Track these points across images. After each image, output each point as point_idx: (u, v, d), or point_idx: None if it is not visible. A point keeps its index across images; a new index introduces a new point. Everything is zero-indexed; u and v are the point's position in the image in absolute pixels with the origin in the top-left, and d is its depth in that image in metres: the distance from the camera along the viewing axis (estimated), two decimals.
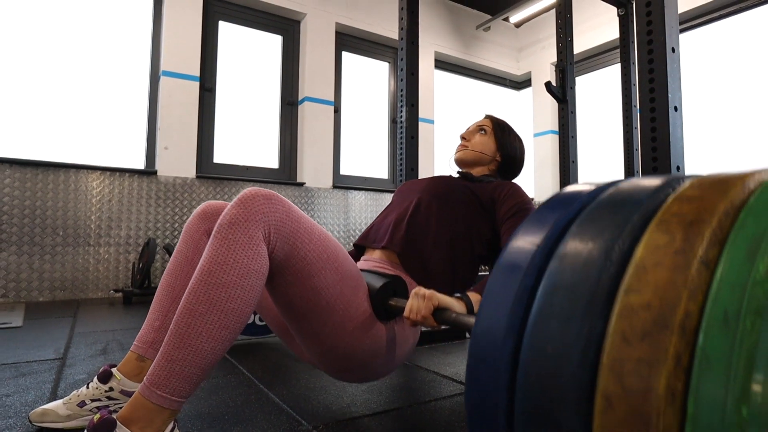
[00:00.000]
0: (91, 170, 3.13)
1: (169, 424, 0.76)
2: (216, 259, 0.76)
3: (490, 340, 0.45)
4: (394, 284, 0.96)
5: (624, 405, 0.34)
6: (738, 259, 0.34)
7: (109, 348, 1.66)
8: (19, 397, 1.14)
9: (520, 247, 0.49)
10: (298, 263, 0.83)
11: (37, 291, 2.95)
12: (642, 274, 0.37)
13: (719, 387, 0.31)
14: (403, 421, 1.01)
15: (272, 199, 0.81)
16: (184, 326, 0.74)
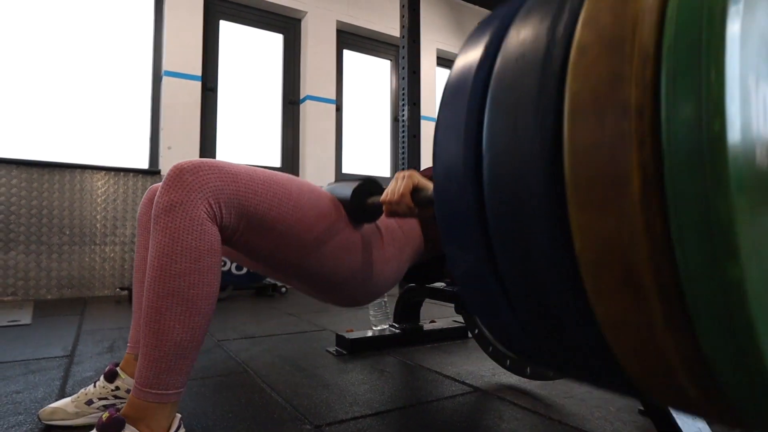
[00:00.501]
0: (96, 170, 3.16)
1: (173, 417, 0.77)
2: (162, 251, 0.72)
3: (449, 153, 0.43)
4: (368, 185, 0.93)
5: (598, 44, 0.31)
6: None
7: (115, 345, 1.68)
8: (28, 394, 1.17)
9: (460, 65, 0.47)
10: (253, 219, 0.80)
11: (45, 289, 2.98)
12: None
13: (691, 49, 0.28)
14: (405, 421, 1.02)
15: (200, 170, 0.75)
16: (155, 324, 0.73)
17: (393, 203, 0.84)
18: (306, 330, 2.03)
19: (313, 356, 1.56)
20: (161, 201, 0.73)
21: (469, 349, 1.67)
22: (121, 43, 3.40)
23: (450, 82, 0.49)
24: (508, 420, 1.03)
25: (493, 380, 1.31)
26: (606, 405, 1.12)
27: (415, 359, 1.54)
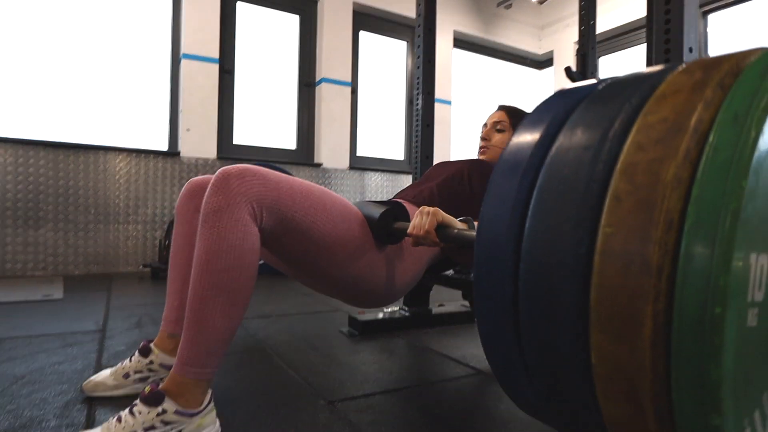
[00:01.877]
0: (118, 152, 3.27)
1: (207, 393, 0.87)
2: (210, 248, 0.81)
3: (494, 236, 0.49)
4: (395, 210, 1.02)
5: (632, 198, 0.39)
6: (750, 77, 0.39)
7: (142, 321, 1.80)
8: (69, 365, 1.28)
9: (513, 150, 0.52)
10: (289, 224, 0.89)
11: (73, 265, 3.14)
12: (660, 100, 0.42)
13: (723, 171, 0.35)
14: (412, 400, 1.11)
15: (246, 176, 0.83)
16: (199, 312, 0.83)
17: (420, 237, 0.92)
18: (320, 310, 2.13)
19: (326, 336, 1.66)
20: (209, 203, 0.82)
21: (474, 333, 1.75)
22: (141, 27, 3.47)
23: (505, 158, 0.53)
24: (507, 401, 1.11)
25: None
26: None
27: (423, 341, 1.62)
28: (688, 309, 0.35)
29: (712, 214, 0.35)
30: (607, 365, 0.40)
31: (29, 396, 1.06)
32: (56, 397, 1.07)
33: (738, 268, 0.35)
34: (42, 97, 3.15)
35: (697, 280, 0.35)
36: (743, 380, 0.38)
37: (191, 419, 0.83)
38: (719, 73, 0.41)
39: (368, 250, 1.00)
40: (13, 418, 0.95)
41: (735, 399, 0.36)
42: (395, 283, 1.09)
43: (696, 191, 0.36)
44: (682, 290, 0.36)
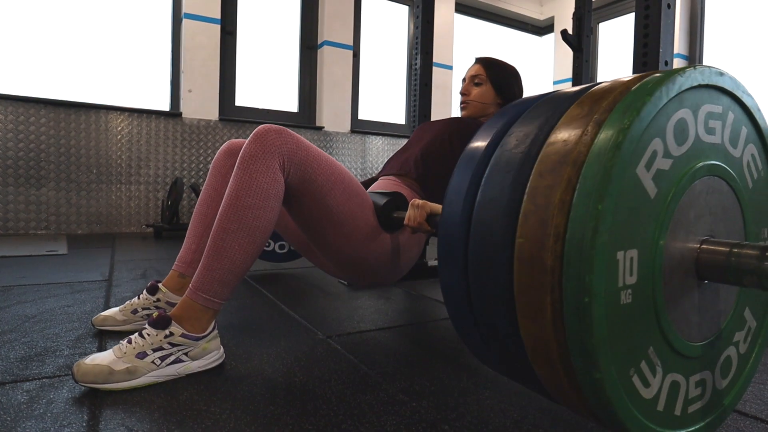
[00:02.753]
0: (120, 111, 3.27)
1: (212, 323, 0.92)
2: (241, 186, 0.89)
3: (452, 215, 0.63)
4: (396, 200, 1.11)
5: (534, 217, 0.53)
6: (614, 117, 0.52)
7: (147, 273, 1.86)
8: (78, 307, 1.34)
9: (470, 149, 0.68)
10: (310, 186, 0.96)
11: (76, 224, 3.19)
12: (557, 131, 0.56)
13: (588, 197, 0.49)
14: (405, 335, 1.17)
15: (283, 133, 0.92)
16: (220, 241, 0.89)
17: (414, 228, 1.01)
18: None
19: (327, 285, 1.72)
20: (247, 150, 0.90)
21: None
22: None
23: (465, 155, 0.69)
24: None
25: None
26: None
27: (418, 290, 1.68)
28: (570, 298, 0.48)
29: (581, 230, 0.48)
30: (530, 339, 0.54)
31: (42, 331, 1.12)
32: (68, 332, 1.12)
33: (603, 268, 0.48)
34: (42, 55, 3.14)
35: (573, 278, 0.48)
36: (624, 342, 0.52)
37: (196, 342, 0.89)
38: (599, 109, 0.54)
39: (374, 231, 1.07)
40: (28, 348, 1.01)
41: (614, 357, 0.50)
42: (399, 260, 1.16)
43: (572, 212, 0.49)
44: (566, 285, 0.49)
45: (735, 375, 0.67)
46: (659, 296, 0.55)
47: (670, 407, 0.58)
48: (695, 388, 0.61)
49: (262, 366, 0.94)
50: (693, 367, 0.60)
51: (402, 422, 0.73)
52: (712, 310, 0.62)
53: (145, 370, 0.83)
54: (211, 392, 0.82)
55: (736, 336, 0.67)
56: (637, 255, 0.52)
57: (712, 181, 0.60)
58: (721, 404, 0.66)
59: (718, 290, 0.63)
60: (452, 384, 0.88)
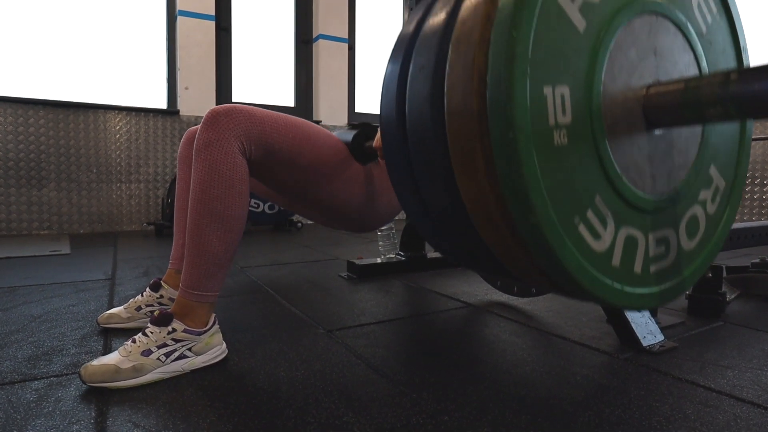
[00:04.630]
0: (118, 111, 3.28)
1: (211, 315, 0.94)
2: (203, 178, 0.88)
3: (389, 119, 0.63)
4: (365, 130, 1.10)
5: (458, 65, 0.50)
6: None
7: (149, 271, 1.88)
8: (82, 306, 1.36)
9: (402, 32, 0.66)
10: (277, 155, 0.96)
11: (78, 224, 3.21)
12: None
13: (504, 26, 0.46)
14: (405, 328, 1.19)
15: (233, 113, 0.90)
16: (196, 237, 0.89)
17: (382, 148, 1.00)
18: (320, 259, 2.20)
19: (326, 280, 1.74)
20: (201, 138, 0.88)
21: (467, 275, 1.82)
22: None
23: (394, 44, 0.66)
24: (492, 327, 1.19)
25: (485, 298, 1.47)
26: (580, 316, 1.27)
27: (418, 282, 1.70)
28: (497, 139, 0.45)
29: (498, 63, 0.45)
30: (470, 200, 0.51)
31: (48, 331, 1.14)
32: (73, 331, 1.14)
33: (526, 100, 0.44)
34: (40, 56, 3.14)
35: (497, 116, 0.45)
36: (564, 188, 0.48)
37: (199, 337, 0.91)
38: None
39: (349, 170, 1.07)
40: (35, 347, 1.03)
41: (554, 202, 0.47)
42: (380, 200, 1.16)
43: (491, 47, 0.46)
44: (491, 125, 0.46)
45: (703, 237, 0.63)
46: (601, 141, 0.51)
47: (628, 263, 0.55)
48: (656, 245, 0.57)
49: (264, 361, 0.96)
50: (651, 222, 0.57)
51: (403, 414, 0.75)
52: (667, 162, 0.58)
53: (150, 367, 0.85)
54: (215, 388, 0.84)
55: (701, 194, 0.62)
56: (568, 92, 0.48)
57: (654, 19, 0.55)
58: (689, 265, 0.62)
59: (672, 141, 0.58)
60: (452, 375, 0.90)
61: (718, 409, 0.77)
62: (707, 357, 0.99)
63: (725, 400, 0.80)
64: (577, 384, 0.87)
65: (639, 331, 1.01)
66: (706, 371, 0.92)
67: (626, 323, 1.01)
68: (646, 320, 1.04)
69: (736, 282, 1.49)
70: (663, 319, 1.18)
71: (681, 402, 0.79)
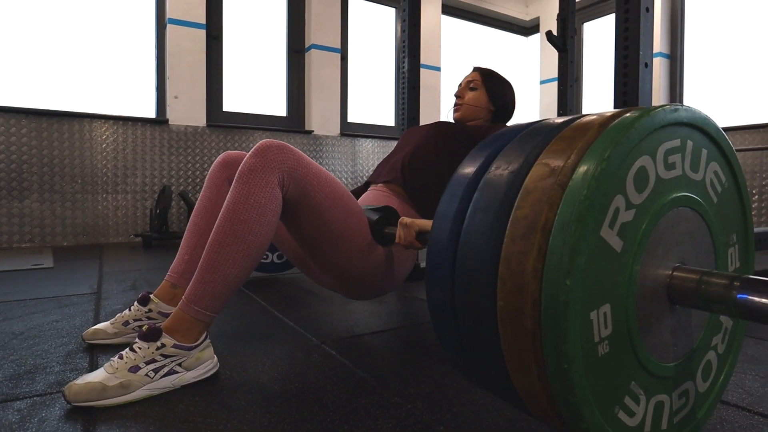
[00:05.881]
0: (104, 120, 3.24)
1: (203, 335, 0.92)
2: (238, 199, 0.89)
3: (439, 245, 0.64)
4: (387, 215, 1.12)
5: (510, 282, 0.53)
6: (574, 187, 0.51)
7: (137, 284, 1.84)
8: (67, 322, 1.32)
9: (459, 176, 0.67)
10: (309, 202, 0.97)
11: (61, 236, 3.14)
12: (525, 195, 0.55)
13: (556, 270, 0.49)
14: (397, 338, 1.17)
15: (284, 150, 0.93)
16: (214, 254, 0.89)
17: (406, 246, 1.02)
18: None
19: (319, 291, 1.72)
20: (247, 163, 0.91)
21: None
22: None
23: (452, 180, 0.68)
24: None
25: None
26: None
27: (411, 292, 1.69)
28: (551, 364, 0.50)
29: (553, 302, 0.49)
30: (521, 388, 0.55)
31: (31, 348, 1.10)
32: (57, 348, 1.11)
33: (577, 331, 0.49)
34: (23, 64, 3.09)
35: (551, 346, 0.49)
36: (606, 387, 0.53)
37: (189, 352, 0.88)
38: (563, 171, 0.54)
39: (370, 247, 1.08)
40: (18, 366, 0.99)
41: (598, 404, 0.52)
42: (393, 273, 1.17)
43: (544, 283, 0.50)
44: (546, 352, 0.50)
45: (715, 375, 0.69)
46: (636, 336, 0.56)
47: (657, 424, 0.60)
48: (679, 399, 0.63)
49: (257, 374, 0.94)
50: (674, 383, 0.62)
51: (398, 425, 0.73)
52: (686, 328, 0.64)
53: (139, 383, 0.82)
54: (206, 403, 0.82)
55: (713, 340, 0.69)
56: (609, 309, 0.53)
57: (676, 212, 0.61)
58: (706, 404, 0.68)
59: (690, 310, 0.64)
60: (446, 385, 0.89)
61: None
62: None
63: None
64: None
65: None
66: None
67: None
68: None
69: None
70: None
71: None
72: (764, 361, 1.00)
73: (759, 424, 0.74)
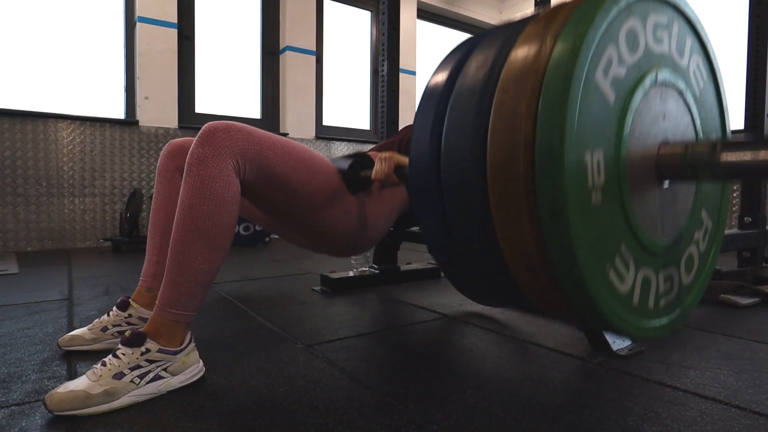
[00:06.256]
0: (70, 120, 3.13)
1: (187, 334, 0.90)
2: (193, 193, 0.85)
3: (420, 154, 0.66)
4: (361, 160, 1.12)
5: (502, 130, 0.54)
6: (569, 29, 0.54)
7: (110, 290, 1.78)
8: (39, 329, 1.27)
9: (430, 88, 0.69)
10: (270, 177, 0.94)
11: (25, 241, 3.01)
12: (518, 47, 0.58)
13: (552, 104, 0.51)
14: (384, 340, 1.19)
15: (231, 130, 0.88)
16: (180, 254, 0.86)
17: (382, 180, 1.01)
18: (291, 273, 2.17)
19: (300, 294, 1.71)
20: (195, 153, 0.86)
21: (441, 287, 1.84)
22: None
23: (426, 93, 0.69)
24: (469, 336, 1.21)
25: (461, 309, 1.49)
26: (551, 324, 1.31)
27: (393, 295, 1.70)
28: (545, 202, 0.51)
29: (548, 135, 0.51)
30: (510, 249, 0.57)
31: (2, 357, 1.06)
32: (32, 356, 1.07)
33: (573, 168, 0.51)
34: None
35: (547, 181, 0.51)
36: (598, 240, 0.55)
37: (175, 357, 0.87)
38: (554, 23, 0.57)
39: (343, 198, 1.07)
40: None
41: (591, 254, 0.53)
42: (368, 229, 1.17)
43: (539, 119, 0.52)
44: (540, 189, 0.51)
45: (697, 271, 0.73)
46: (626, 197, 0.59)
47: (644, 301, 0.63)
48: (664, 282, 0.66)
49: (244, 379, 0.93)
50: (661, 263, 0.65)
51: (392, 425, 0.74)
52: (672, 210, 0.68)
53: (124, 390, 0.81)
54: (195, 408, 0.81)
55: (695, 235, 0.72)
56: (602, 156, 0.56)
57: (664, 90, 0.65)
58: (688, 296, 0.72)
59: (676, 192, 0.68)
60: (435, 385, 0.90)
61: (685, 407, 0.81)
62: (671, 359, 1.04)
63: (691, 398, 0.85)
64: (555, 388, 0.89)
65: (609, 336, 1.05)
66: (671, 372, 0.97)
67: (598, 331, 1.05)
68: None
69: None
70: None
71: (652, 401, 0.83)
72: (736, 357, 1.06)
73: (736, 416, 0.78)
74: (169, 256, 0.87)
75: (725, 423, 0.75)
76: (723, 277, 1.65)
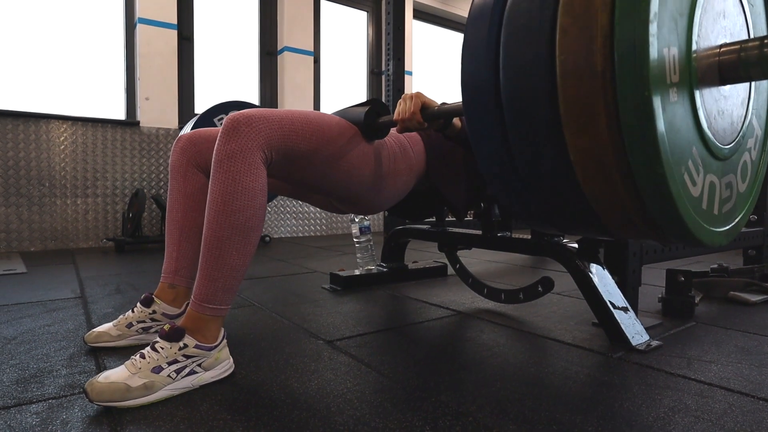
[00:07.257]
0: (71, 121, 3.13)
1: (221, 330, 0.93)
2: (225, 189, 0.86)
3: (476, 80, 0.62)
4: (376, 106, 1.09)
5: (574, 27, 0.52)
6: None
7: (122, 288, 1.80)
8: (60, 326, 1.29)
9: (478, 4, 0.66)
10: (295, 154, 0.95)
11: (29, 241, 3.01)
12: None
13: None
14: (404, 336, 1.21)
15: (253, 122, 0.87)
16: (216, 250, 0.88)
17: (405, 120, 0.99)
18: (297, 272, 2.19)
19: (311, 292, 1.74)
20: (223, 150, 0.87)
21: (449, 284, 1.88)
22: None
23: (473, 9, 0.65)
24: (487, 332, 1.24)
25: (472, 306, 1.53)
26: (567, 320, 1.35)
27: (403, 292, 1.73)
28: (629, 96, 0.49)
29: (630, 26, 0.49)
30: (580, 155, 0.54)
31: (29, 352, 1.08)
32: (58, 351, 1.09)
33: (655, 61, 0.49)
34: None
35: (630, 75, 0.49)
36: (675, 140, 0.54)
37: (210, 353, 0.90)
38: None
39: (364, 154, 1.06)
40: (21, 370, 0.97)
41: (672, 154, 0.52)
42: (388, 183, 1.16)
43: (617, 11, 0.49)
44: (622, 83, 0.49)
45: (750, 180, 0.72)
46: (695, 97, 0.57)
47: (711, 206, 0.62)
48: (726, 189, 0.65)
49: (272, 373, 0.96)
50: (722, 169, 0.64)
51: (429, 416, 0.77)
52: (730, 115, 0.66)
53: (161, 384, 0.83)
54: (230, 402, 0.83)
55: (749, 142, 0.72)
56: (677, 52, 0.53)
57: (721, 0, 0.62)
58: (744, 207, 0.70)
59: (734, 96, 0.67)
60: (462, 378, 0.93)
61: (713, 399, 0.84)
62: (691, 353, 1.07)
63: (717, 391, 0.87)
64: (582, 382, 0.92)
65: (628, 332, 1.08)
66: (693, 366, 0.99)
67: (616, 324, 1.09)
68: (633, 321, 1.12)
69: (698, 286, 1.62)
70: (643, 321, 1.27)
71: (680, 394, 0.85)
72: (755, 352, 1.08)
73: (764, 408, 0.80)
74: (204, 253, 0.89)
75: (755, 414, 0.77)
76: (731, 275, 1.68)
